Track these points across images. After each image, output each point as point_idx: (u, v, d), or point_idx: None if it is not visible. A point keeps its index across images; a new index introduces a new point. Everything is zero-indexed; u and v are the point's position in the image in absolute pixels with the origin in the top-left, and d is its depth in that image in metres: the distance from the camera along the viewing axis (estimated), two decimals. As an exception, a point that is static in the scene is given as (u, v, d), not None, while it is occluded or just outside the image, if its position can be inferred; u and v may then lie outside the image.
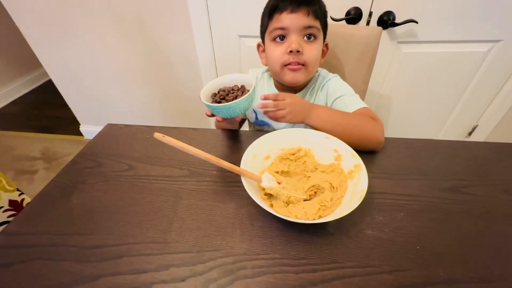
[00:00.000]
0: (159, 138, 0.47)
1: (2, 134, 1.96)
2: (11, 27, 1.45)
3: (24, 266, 0.44)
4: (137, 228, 0.49)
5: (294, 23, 0.62)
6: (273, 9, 0.63)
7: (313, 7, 0.62)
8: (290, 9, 0.61)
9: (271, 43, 0.67)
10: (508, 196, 0.53)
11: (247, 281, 0.41)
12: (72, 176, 0.60)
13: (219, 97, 0.60)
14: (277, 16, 0.63)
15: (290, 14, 0.61)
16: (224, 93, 0.62)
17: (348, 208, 0.43)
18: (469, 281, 0.40)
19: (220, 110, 0.58)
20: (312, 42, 0.65)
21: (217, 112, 0.59)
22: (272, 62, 0.68)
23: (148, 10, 1.20)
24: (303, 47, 0.63)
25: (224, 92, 0.62)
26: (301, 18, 0.61)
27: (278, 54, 0.65)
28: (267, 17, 0.66)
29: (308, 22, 0.62)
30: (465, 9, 1.01)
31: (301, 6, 0.61)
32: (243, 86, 0.63)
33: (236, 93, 0.61)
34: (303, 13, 0.61)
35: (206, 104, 0.58)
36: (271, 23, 0.65)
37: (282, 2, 0.61)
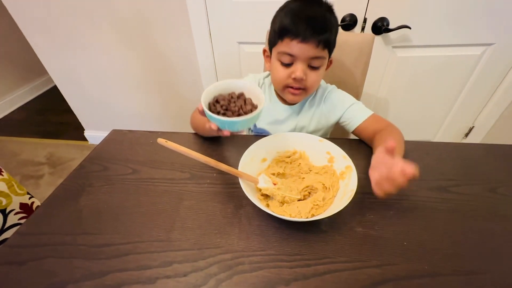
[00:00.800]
0: (162, 143, 0.50)
1: (8, 140, 2.01)
2: (17, 35, 1.49)
3: (36, 264, 0.47)
4: (142, 228, 0.52)
5: (303, 52, 0.61)
6: (285, 31, 0.61)
7: (324, 36, 0.60)
8: (301, 38, 0.59)
9: (277, 62, 0.66)
10: (493, 195, 0.56)
11: (245, 276, 0.44)
12: (79, 180, 0.64)
13: (222, 108, 0.51)
14: (287, 41, 0.61)
15: (300, 44, 0.60)
16: (224, 102, 0.52)
17: (339, 207, 0.46)
18: (453, 274, 0.43)
19: (228, 124, 0.49)
20: (316, 70, 0.65)
21: (222, 125, 0.50)
22: (275, 80, 0.69)
23: (150, 18, 1.24)
24: (306, 75, 0.64)
25: (224, 102, 0.52)
26: (310, 49, 0.60)
27: (282, 76, 0.66)
28: (277, 35, 0.63)
29: (316, 53, 0.61)
30: (457, 13, 1.04)
31: (313, 37, 0.59)
32: (242, 94, 0.55)
33: (238, 102, 0.53)
34: (313, 44, 0.59)
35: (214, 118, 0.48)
36: (280, 44, 0.63)
37: (294, 27, 0.59)
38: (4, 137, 2.04)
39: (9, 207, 0.77)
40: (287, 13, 0.61)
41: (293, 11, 0.61)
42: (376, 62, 1.16)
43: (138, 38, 1.32)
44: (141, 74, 1.46)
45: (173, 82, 1.47)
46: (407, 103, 1.34)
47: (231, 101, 0.53)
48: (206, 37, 1.24)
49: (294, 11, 0.61)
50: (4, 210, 0.75)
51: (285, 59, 0.63)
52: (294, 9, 0.61)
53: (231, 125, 0.50)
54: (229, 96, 0.54)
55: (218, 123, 0.50)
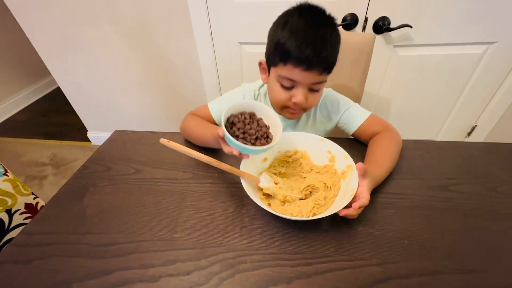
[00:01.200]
0: (164, 143, 0.51)
1: (12, 141, 2.02)
2: (20, 37, 1.50)
3: (42, 263, 0.48)
4: (145, 227, 0.53)
5: (306, 80, 0.58)
6: (289, 57, 0.56)
7: (329, 63, 0.57)
8: (305, 67, 0.55)
9: (277, 83, 0.62)
10: (494, 193, 0.56)
11: (247, 274, 0.44)
12: (83, 180, 0.64)
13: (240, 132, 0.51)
14: (291, 68, 0.57)
15: (303, 72, 0.56)
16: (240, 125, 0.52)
17: (340, 206, 0.47)
18: (454, 272, 0.43)
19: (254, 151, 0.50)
20: (316, 92, 0.62)
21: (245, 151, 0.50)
22: (274, 101, 0.67)
23: (151, 19, 1.25)
24: (307, 98, 0.61)
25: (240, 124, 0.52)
26: (313, 76, 0.57)
27: (282, 99, 0.63)
28: (279, 57, 0.58)
29: (318, 79, 0.59)
30: (458, 12, 1.04)
31: (318, 65, 0.56)
32: (253, 114, 0.55)
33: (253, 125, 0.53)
34: (317, 72, 0.57)
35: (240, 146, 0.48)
36: (282, 68, 0.59)
37: (299, 54, 0.54)
38: (8, 138, 2.06)
39: (14, 207, 0.78)
40: (291, 35, 0.55)
41: (298, 33, 0.55)
42: (377, 62, 1.16)
43: (139, 39, 1.33)
44: (143, 75, 1.47)
45: (175, 83, 1.48)
46: (409, 102, 1.34)
47: (246, 122, 0.53)
48: (207, 38, 1.25)
49: (299, 33, 0.55)
50: (10, 210, 0.77)
51: (286, 83, 0.60)
52: (299, 30, 0.55)
53: (256, 152, 0.51)
54: (242, 117, 0.53)
55: (241, 149, 0.49)
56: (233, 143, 0.48)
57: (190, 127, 0.71)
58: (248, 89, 0.77)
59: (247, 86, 0.78)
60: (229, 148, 0.51)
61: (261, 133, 0.53)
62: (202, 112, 0.75)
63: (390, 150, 0.62)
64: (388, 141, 0.64)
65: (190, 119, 0.73)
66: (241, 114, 0.54)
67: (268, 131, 0.54)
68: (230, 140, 0.48)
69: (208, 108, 0.75)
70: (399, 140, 0.65)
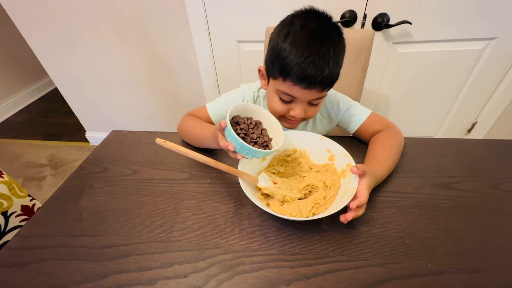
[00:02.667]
0: (160, 143, 0.50)
1: (10, 142, 2.01)
2: (17, 38, 1.49)
3: (37, 266, 0.47)
4: (142, 229, 0.52)
5: (305, 97, 0.56)
6: (288, 73, 0.53)
7: (330, 80, 0.54)
8: (305, 85, 0.53)
9: (275, 96, 0.60)
10: (497, 191, 0.55)
11: (246, 276, 0.43)
12: (80, 181, 0.64)
13: (242, 132, 0.51)
14: (290, 84, 0.54)
15: (303, 90, 0.54)
16: (245, 126, 0.52)
17: (340, 205, 0.46)
18: (456, 272, 0.42)
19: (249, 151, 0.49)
20: (316, 105, 0.60)
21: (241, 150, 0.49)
22: (271, 110, 0.63)
23: (148, 19, 1.24)
24: (306, 111, 0.60)
25: (244, 126, 0.52)
26: (313, 94, 0.55)
27: (279, 111, 0.61)
28: (278, 71, 0.55)
29: (318, 96, 0.56)
30: (458, 8, 1.02)
31: (319, 84, 0.53)
32: (260, 123, 0.55)
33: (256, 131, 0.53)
34: (318, 90, 0.54)
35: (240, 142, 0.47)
36: (281, 83, 0.56)
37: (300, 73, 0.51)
38: (6, 139, 2.05)
39: (10, 209, 0.77)
40: (292, 49, 0.51)
41: (299, 48, 0.51)
42: (376, 59, 1.15)
43: (137, 39, 1.32)
44: (141, 74, 1.46)
45: (173, 82, 1.47)
46: (408, 99, 1.33)
47: (250, 126, 0.53)
48: (205, 36, 1.24)
49: (300, 49, 0.51)
50: (6, 212, 0.76)
51: (285, 98, 0.58)
52: (301, 44, 0.51)
53: (252, 153, 0.49)
54: (248, 121, 0.54)
55: (239, 146, 0.48)
56: (232, 136, 0.47)
57: (188, 126, 0.70)
58: (247, 90, 0.75)
59: (246, 87, 0.76)
60: (225, 142, 0.49)
61: (262, 141, 0.52)
62: (200, 113, 0.74)
63: (391, 148, 0.61)
64: (390, 139, 0.63)
65: (187, 120, 0.72)
66: (248, 118, 0.54)
67: (269, 142, 0.54)
68: (230, 133, 0.48)
69: (206, 109, 0.73)
70: (401, 138, 0.64)
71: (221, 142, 0.50)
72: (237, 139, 0.47)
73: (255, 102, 0.76)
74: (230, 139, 0.49)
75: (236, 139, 0.47)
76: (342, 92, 0.76)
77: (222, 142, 0.50)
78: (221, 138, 0.51)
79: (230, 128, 0.47)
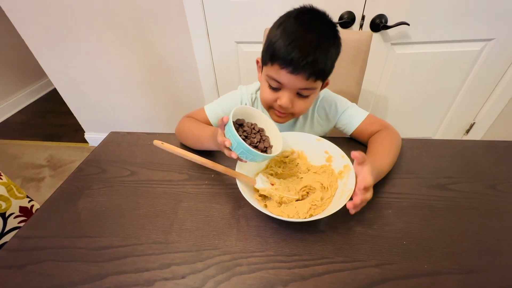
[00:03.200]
0: (158, 145, 0.50)
1: (9, 143, 2.01)
2: (16, 38, 1.49)
3: (36, 267, 0.47)
4: (140, 230, 0.52)
5: (291, 83, 0.56)
6: (275, 57, 0.55)
7: (316, 69, 0.54)
8: (291, 69, 0.53)
9: (265, 83, 0.61)
10: (493, 192, 0.55)
11: (243, 277, 0.43)
12: (78, 183, 0.64)
13: (243, 133, 0.52)
14: (277, 68, 0.55)
15: (289, 74, 0.54)
16: (248, 129, 0.53)
17: (337, 207, 0.46)
18: (452, 272, 0.43)
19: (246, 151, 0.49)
20: (304, 98, 0.60)
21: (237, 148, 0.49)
22: (262, 100, 0.65)
23: (147, 19, 1.24)
24: (293, 103, 0.60)
25: (247, 129, 0.53)
26: (299, 81, 0.55)
27: (268, 99, 0.62)
28: (268, 56, 0.57)
29: (304, 85, 0.56)
30: (456, 9, 1.03)
31: (304, 69, 0.53)
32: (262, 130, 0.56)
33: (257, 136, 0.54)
34: (303, 76, 0.54)
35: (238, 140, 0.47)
36: (270, 68, 0.57)
37: (285, 56, 0.53)
38: (5, 140, 2.04)
39: (8, 210, 0.77)
40: (282, 34, 0.54)
41: (288, 34, 0.53)
42: (375, 60, 1.15)
43: (135, 40, 1.32)
44: (140, 75, 1.46)
45: (172, 83, 1.47)
46: (407, 100, 1.33)
47: (252, 131, 0.54)
48: (203, 37, 1.24)
49: (289, 34, 0.53)
50: (4, 214, 0.76)
51: (272, 83, 0.59)
52: (290, 32, 0.53)
53: (248, 154, 0.49)
54: (252, 126, 0.54)
55: (236, 143, 0.48)
56: (231, 132, 0.47)
57: (187, 128, 0.70)
58: (245, 92, 0.76)
59: (244, 88, 0.77)
60: (223, 138, 0.49)
61: (261, 146, 0.53)
62: (198, 115, 0.74)
63: (390, 147, 0.61)
64: (388, 139, 0.63)
65: (186, 121, 0.72)
66: (252, 123, 0.55)
67: (269, 148, 0.54)
68: (229, 129, 0.48)
69: (204, 111, 0.73)
70: (399, 138, 0.65)
71: (219, 138, 0.50)
72: (235, 136, 0.47)
73: (253, 103, 0.76)
74: (229, 135, 0.49)
75: (235, 136, 0.47)
76: (340, 92, 0.76)
77: (220, 137, 0.50)
78: (220, 134, 0.51)
79: (231, 124, 0.47)
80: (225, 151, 0.51)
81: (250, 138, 0.52)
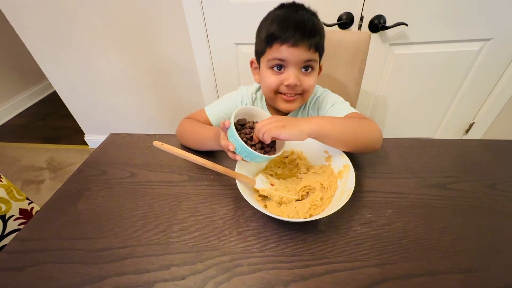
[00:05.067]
0: (158, 146, 0.50)
1: (9, 146, 2.01)
2: (17, 41, 1.50)
3: (35, 269, 0.47)
4: (140, 231, 0.52)
5: (295, 57, 0.59)
6: (273, 38, 0.59)
7: (315, 40, 0.59)
8: (291, 43, 0.57)
9: (268, 70, 0.63)
10: (492, 191, 0.55)
11: (243, 278, 0.43)
12: (78, 184, 0.64)
13: (245, 136, 0.52)
14: (277, 47, 0.59)
15: (291, 48, 0.58)
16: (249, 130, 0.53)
17: (337, 206, 0.46)
18: (452, 271, 0.43)
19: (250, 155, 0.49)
20: (309, 73, 0.62)
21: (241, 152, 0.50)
22: (267, 88, 0.66)
23: (146, 21, 1.24)
24: (301, 80, 0.61)
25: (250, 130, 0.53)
26: (302, 53, 0.58)
27: (274, 83, 0.63)
28: (265, 43, 0.61)
29: (308, 56, 0.59)
30: (454, 9, 1.03)
31: (303, 40, 0.57)
32: None
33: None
34: (305, 47, 0.58)
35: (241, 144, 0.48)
36: (269, 51, 0.61)
37: (284, 34, 0.57)
38: (5, 143, 2.05)
39: (8, 213, 0.77)
40: (273, 21, 0.59)
41: (280, 17, 0.59)
42: (374, 60, 1.16)
43: (135, 42, 1.32)
44: (139, 77, 1.46)
45: (172, 85, 1.47)
46: (406, 100, 1.34)
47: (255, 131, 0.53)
48: (203, 39, 1.24)
49: (280, 17, 0.59)
50: (4, 216, 0.76)
51: (276, 63, 0.61)
52: (280, 15, 0.59)
53: (251, 156, 0.49)
54: (254, 125, 0.54)
55: (239, 147, 0.49)
56: (234, 137, 0.48)
57: (187, 129, 0.70)
58: (245, 92, 0.77)
59: (245, 89, 0.77)
60: (226, 142, 0.50)
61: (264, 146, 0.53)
62: (198, 116, 0.74)
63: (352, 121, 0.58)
64: (353, 120, 0.59)
65: (187, 122, 0.72)
66: (254, 122, 0.55)
67: (273, 147, 0.54)
68: (232, 133, 0.48)
69: (205, 112, 0.74)
70: (374, 132, 0.58)
71: (222, 141, 0.51)
72: (238, 140, 0.48)
73: (254, 103, 0.76)
74: (232, 140, 0.49)
75: (238, 140, 0.48)
76: (339, 92, 0.76)
77: (223, 141, 0.51)
78: (222, 137, 0.52)
79: (233, 128, 0.48)
80: (229, 154, 0.52)
81: (253, 140, 0.52)
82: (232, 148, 0.49)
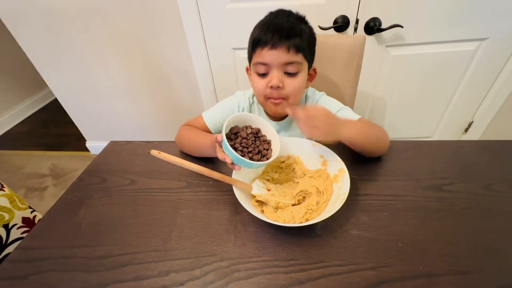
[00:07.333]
0: (155, 155, 0.51)
1: (11, 154, 2.03)
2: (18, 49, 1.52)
3: (38, 278, 0.48)
4: (139, 238, 0.53)
5: (275, 59, 0.60)
6: (255, 42, 0.62)
7: (294, 41, 0.59)
8: (270, 45, 0.59)
9: (255, 74, 0.66)
10: (488, 192, 0.55)
11: (241, 283, 0.44)
12: (78, 193, 0.65)
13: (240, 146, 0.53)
14: (259, 51, 0.61)
15: (270, 51, 0.60)
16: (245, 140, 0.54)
17: (333, 210, 0.47)
18: (448, 273, 0.43)
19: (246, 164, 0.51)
20: (293, 76, 0.63)
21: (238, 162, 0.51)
22: (256, 93, 0.70)
23: (145, 28, 1.26)
24: (284, 82, 0.62)
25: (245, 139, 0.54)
26: (281, 55, 0.59)
27: (261, 87, 0.65)
28: (251, 48, 0.65)
29: (288, 59, 0.60)
30: (449, 10, 1.04)
31: (281, 42, 0.59)
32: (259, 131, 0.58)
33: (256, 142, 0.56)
34: (283, 49, 0.59)
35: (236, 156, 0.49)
36: (254, 56, 0.64)
37: (263, 36, 0.60)
38: (7, 150, 2.07)
39: (11, 222, 0.78)
40: (257, 27, 0.64)
41: (262, 23, 0.63)
42: (370, 62, 1.16)
43: (134, 49, 1.34)
44: (139, 83, 1.48)
45: (170, 90, 1.48)
46: (404, 101, 1.34)
47: (249, 138, 0.55)
48: (201, 45, 1.26)
49: (263, 23, 0.63)
50: (7, 225, 0.77)
51: (260, 69, 0.63)
52: (263, 21, 0.64)
53: (248, 165, 0.51)
54: (247, 130, 0.56)
55: (236, 159, 0.50)
56: (229, 150, 0.50)
57: (186, 136, 0.71)
58: (242, 97, 0.78)
59: (241, 94, 0.79)
60: (223, 155, 0.52)
61: (261, 148, 0.55)
62: (196, 123, 0.75)
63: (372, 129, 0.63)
64: (373, 126, 0.64)
65: (185, 130, 0.73)
66: (247, 127, 0.56)
67: (269, 148, 0.56)
68: (226, 147, 0.50)
69: (202, 118, 0.75)
70: (385, 136, 0.64)
71: (219, 155, 0.53)
72: (233, 153, 0.49)
73: (251, 107, 0.77)
74: (227, 153, 0.51)
75: (232, 153, 0.49)
76: (336, 96, 0.77)
77: (219, 154, 0.53)
78: (218, 150, 0.54)
79: (225, 142, 0.49)
80: (228, 165, 0.54)
81: (248, 147, 0.54)
82: (229, 160, 0.51)
